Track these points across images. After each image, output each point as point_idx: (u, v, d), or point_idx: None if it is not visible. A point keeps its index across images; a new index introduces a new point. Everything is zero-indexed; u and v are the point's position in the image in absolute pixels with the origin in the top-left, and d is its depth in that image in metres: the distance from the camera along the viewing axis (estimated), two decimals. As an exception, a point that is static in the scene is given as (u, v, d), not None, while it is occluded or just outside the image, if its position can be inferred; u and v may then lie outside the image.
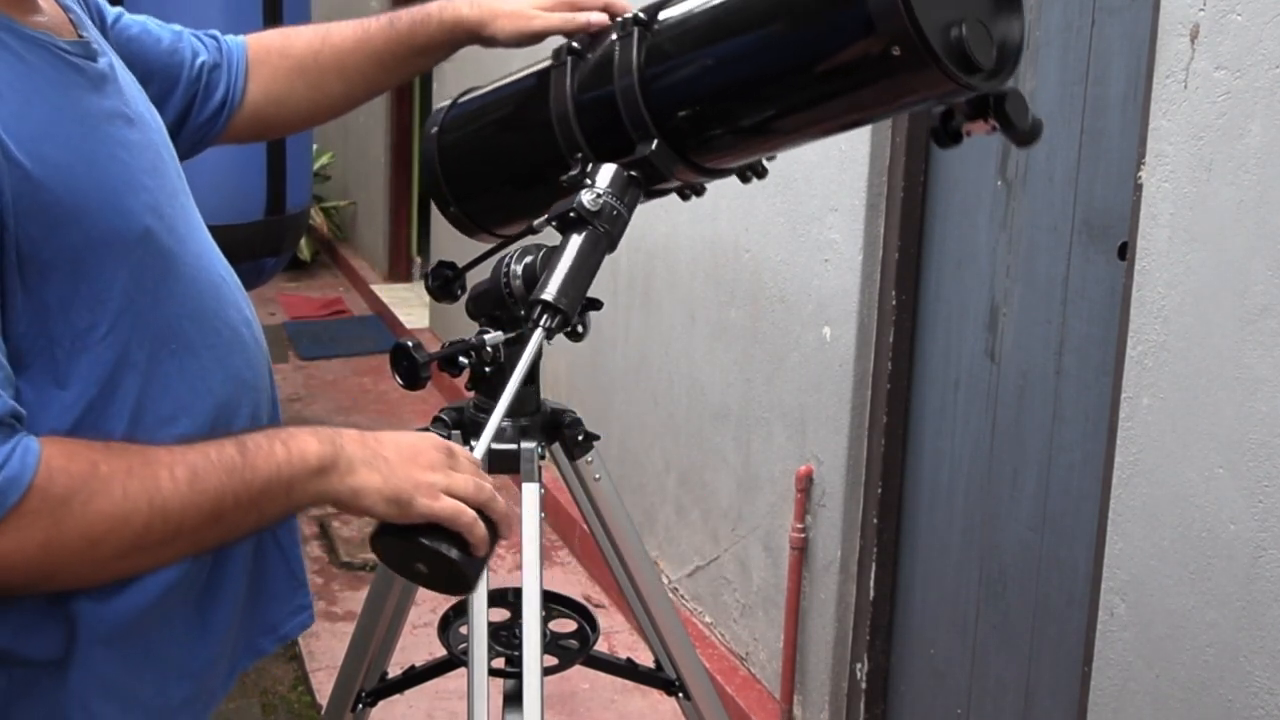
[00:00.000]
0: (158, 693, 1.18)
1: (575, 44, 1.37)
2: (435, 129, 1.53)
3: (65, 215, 1.05)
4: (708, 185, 1.39)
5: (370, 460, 1.09)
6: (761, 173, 1.38)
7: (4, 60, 1.05)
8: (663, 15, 1.30)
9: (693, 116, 1.28)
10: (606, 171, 1.26)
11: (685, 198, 1.42)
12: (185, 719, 1.21)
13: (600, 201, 1.24)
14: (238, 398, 1.23)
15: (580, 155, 1.34)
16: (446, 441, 1.14)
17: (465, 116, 1.52)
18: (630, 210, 1.28)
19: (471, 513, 1.09)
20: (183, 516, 1.00)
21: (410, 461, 1.10)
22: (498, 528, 1.12)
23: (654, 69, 1.28)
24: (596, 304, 1.35)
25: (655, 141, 1.28)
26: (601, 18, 1.38)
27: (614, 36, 1.33)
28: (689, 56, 1.29)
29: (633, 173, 1.28)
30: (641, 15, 1.31)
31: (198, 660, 1.22)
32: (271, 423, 1.30)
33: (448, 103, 1.55)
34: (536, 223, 1.32)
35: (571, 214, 1.24)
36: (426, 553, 1.09)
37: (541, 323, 1.20)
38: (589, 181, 1.26)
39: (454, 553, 1.09)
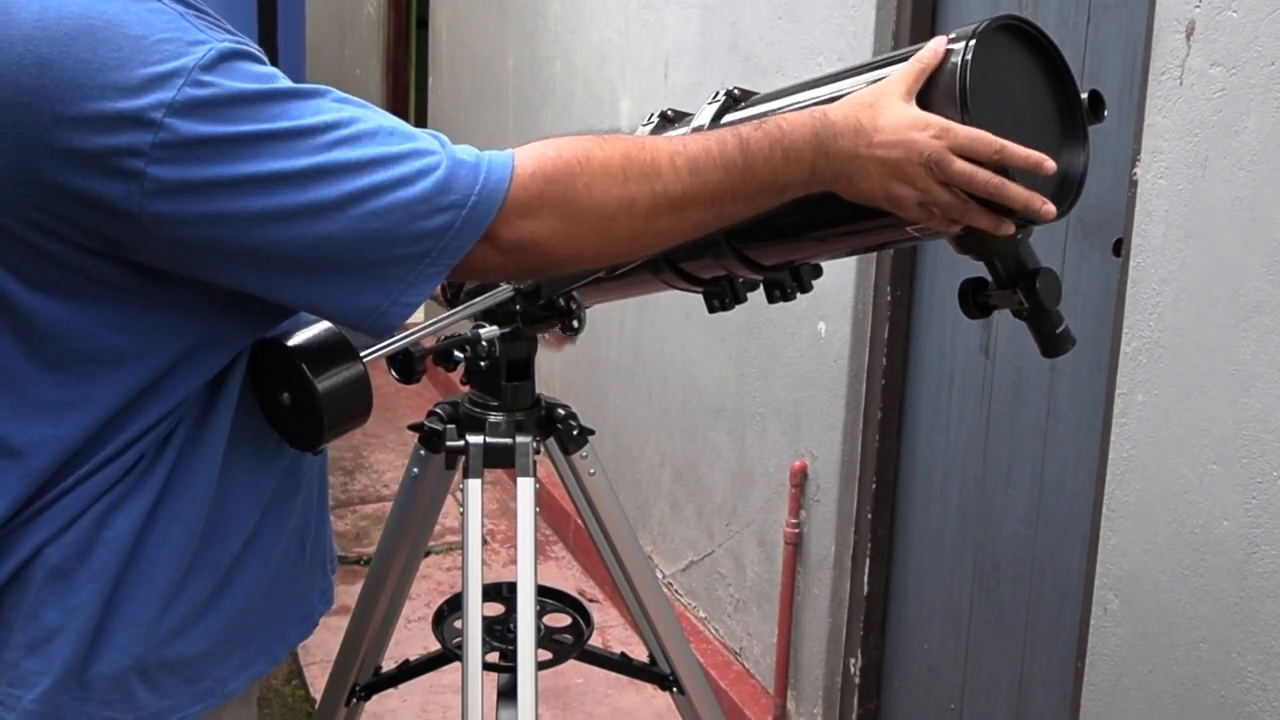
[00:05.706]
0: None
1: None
2: None
3: None
4: (726, 301, 1.39)
5: (854, 174, 1.13)
6: (742, 297, 1.39)
7: None
8: None
9: None
10: None
11: (711, 308, 1.41)
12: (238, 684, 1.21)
13: None
14: None
15: None
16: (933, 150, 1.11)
17: None
18: None
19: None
20: (685, 201, 1.08)
21: (893, 177, 1.12)
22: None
23: None
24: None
25: None
26: None
27: None
28: None
29: None
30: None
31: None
32: None
33: None
34: None
35: None
36: (300, 376, 1.10)
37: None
38: None
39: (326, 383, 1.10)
